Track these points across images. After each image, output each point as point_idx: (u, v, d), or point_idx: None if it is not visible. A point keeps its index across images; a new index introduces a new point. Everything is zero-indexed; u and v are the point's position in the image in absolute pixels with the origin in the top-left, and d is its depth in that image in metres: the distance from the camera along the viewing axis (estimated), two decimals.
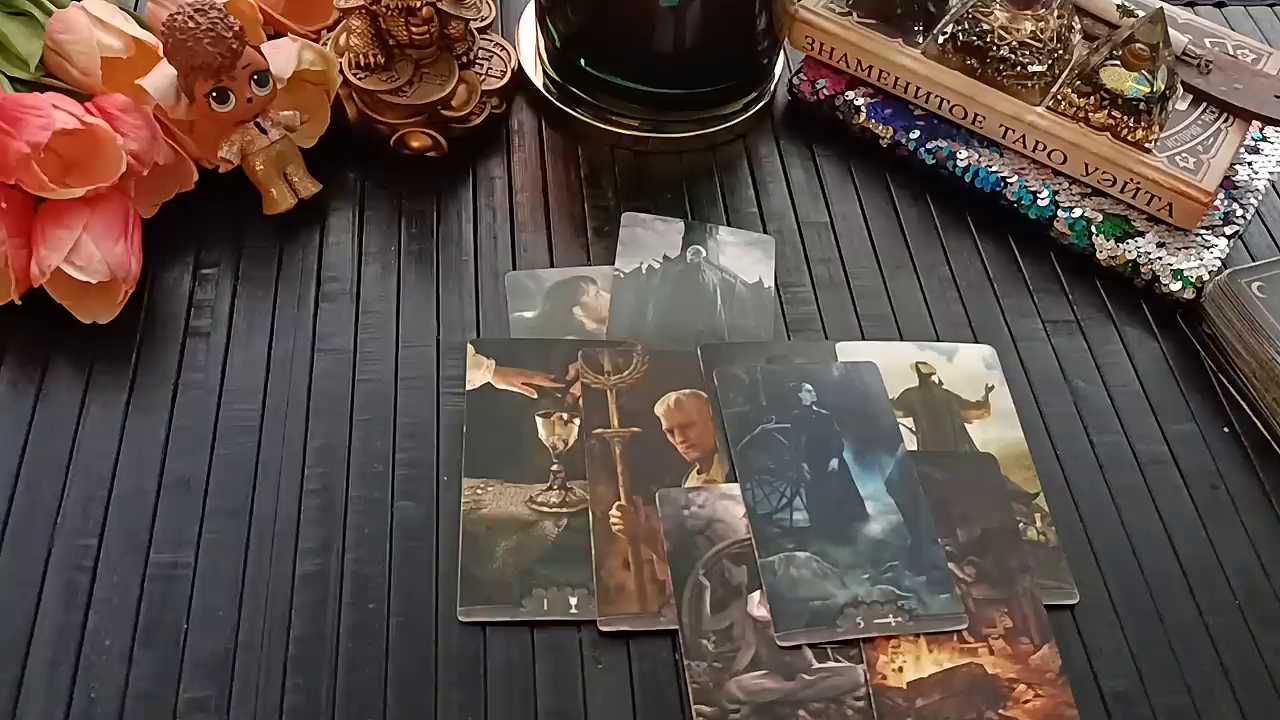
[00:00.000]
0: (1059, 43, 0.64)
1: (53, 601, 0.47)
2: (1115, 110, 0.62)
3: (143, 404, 0.53)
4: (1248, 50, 0.68)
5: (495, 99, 0.67)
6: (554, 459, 0.53)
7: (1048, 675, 0.47)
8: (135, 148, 0.55)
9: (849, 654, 0.47)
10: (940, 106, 0.66)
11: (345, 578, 0.48)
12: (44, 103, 0.53)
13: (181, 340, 0.56)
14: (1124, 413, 0.57)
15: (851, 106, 0.68)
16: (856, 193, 0.66)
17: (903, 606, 0.48)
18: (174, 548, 0.48)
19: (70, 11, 0.59)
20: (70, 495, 0.50)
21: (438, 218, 0.62)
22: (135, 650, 0.46)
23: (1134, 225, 0.62)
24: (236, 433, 0.52)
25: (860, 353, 0.58)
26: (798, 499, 0.52)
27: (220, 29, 0.55)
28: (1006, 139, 0.65)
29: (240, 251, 0.60)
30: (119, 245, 0.54)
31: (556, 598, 0.48)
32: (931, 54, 0.66)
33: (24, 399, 0.53)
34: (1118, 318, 0.62)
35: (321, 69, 0.61)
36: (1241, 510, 0.54)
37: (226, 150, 0.58)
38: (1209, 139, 0.63)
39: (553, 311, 0.59)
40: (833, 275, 0.62)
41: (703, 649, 0.47)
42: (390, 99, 0.61)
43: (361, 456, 0.52)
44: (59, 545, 0.48)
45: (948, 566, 0.50)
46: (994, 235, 0.65)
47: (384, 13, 0.59)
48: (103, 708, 0.44)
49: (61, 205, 0.54)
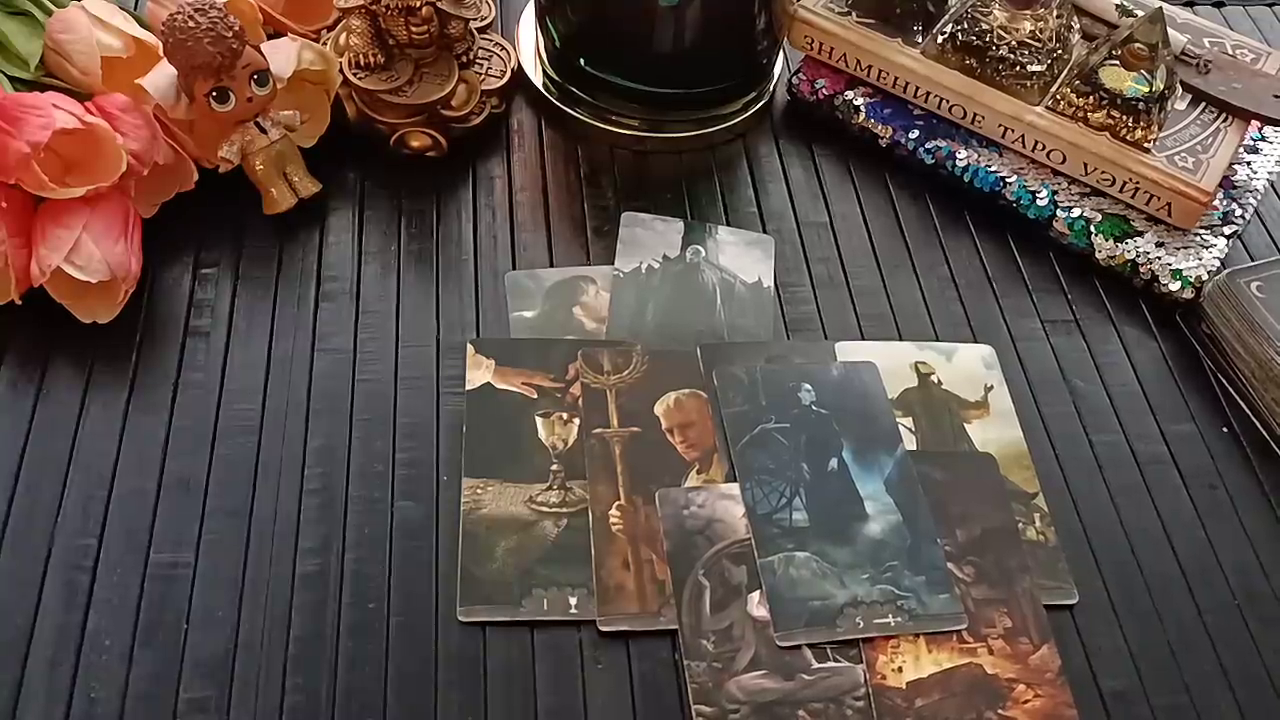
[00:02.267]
0: (1058, 42, 0.65)
1: (53, 601, 0.47)
2: (1114, 110, 0.62)
3: (143, 404, 0.53)
4: (1246, 50, 0.68)
5: (495, 99, 0.67)
6: (554, 459, 0.53)
7: (1047, 675, 0.47)
8: (135, 148, 0.55)
9: (848, 654, 0.47)
10: (939, 106, 0.66)
11: (345, 578, 0.48)
12: (44, 102, 0.53)
13: (181, 340, 0.56)
14: (1123, 413, 0.57)
15: (851, 106, 0.68)
16: (856, 192, 0.67)
17: (902, 606, 0.49)
18: (174, 548, 0.48)
19: (70, 11, 0.59)
20: (70, 495, 0.50)
21: (437, 217, 0.62)
22: (135, 650, 0.46)
23: (1133, 225, 0.62)
24: (236, 433, 0.52)
25: (859, 352, 0.58)
26: (797, 499, 0.52)
27: (220, 29, 0.55)
28: (1005, 139, 0.65)
29: (240, 251, 0.60)
30: (119, 245, 0.54)
31: (556, 598, 0.48)
32: (931, 54, 0.66)
33: (24, 399, 0.53)
34: (1117, 317, 0.62)
35: (321, 69, 0.61)
36: (1240, 510, 0.54)
37: (226, 150, 0.58)
38: (1208, 139, 0.63)
39: (552, 311, 0.59)
40: (832, 275, 0.62)
41: (702, 649, 0.47)
42: (390, 99, 0.61)
43: (361, 456, 0.52)
44: (59, 545, 0.48)
45: (947, 566, 0.50)
46: (993, 235, 0.65)
47: (384, 13, 0.59)
48: (103, 708, 0.44)
49: (61, 205, 0.54)
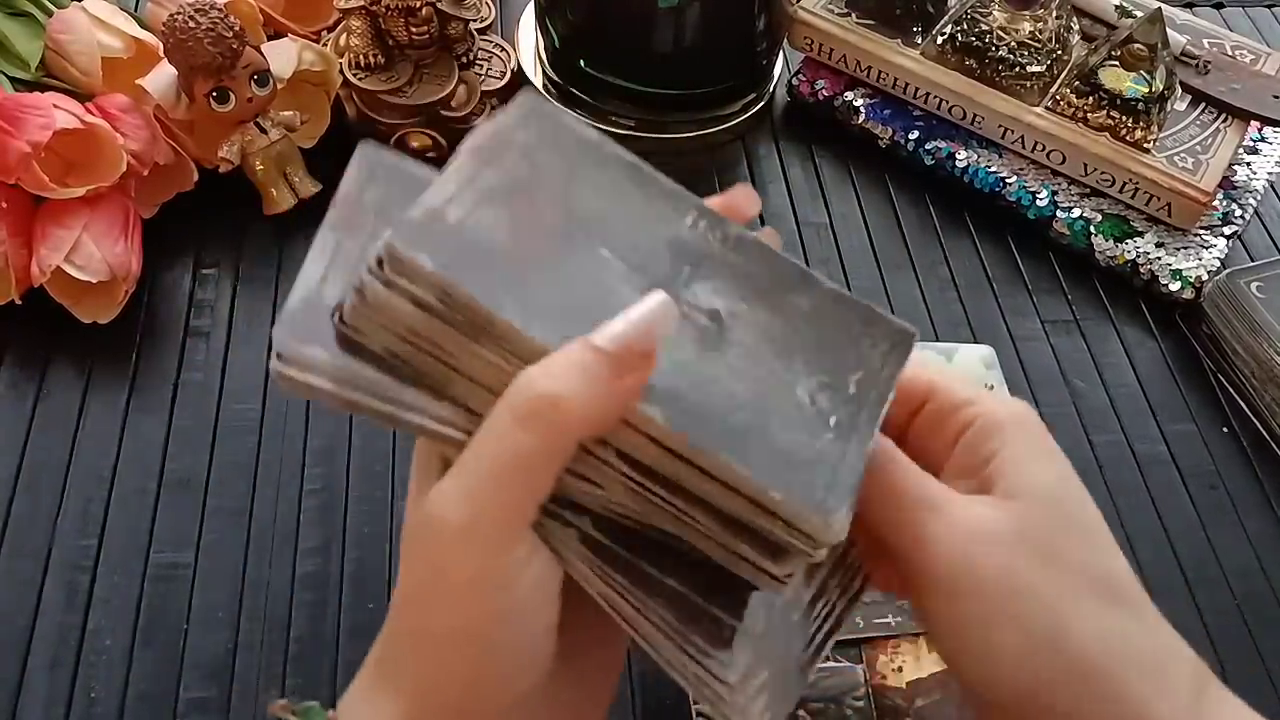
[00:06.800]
0: (1057, 43, 0.65)
1: (53, 601, 0.47)
2: (1114, 110, 0.62)
3: (143, 404, 0.53)
4: (1246, 51, 0.68)
5: (495, 99, 0.67)
6: None
7: None
8: (135, 148, 0.55)
9: (849, 654, 0.47)
10: (939, 107, 0.66)
11: (345, 578, 0.48)
12: (44, 103, 0.53)
13: (181, 340, 0.56)
14: (1123, 413, 0.57)
15: (850, 107, 0.68)
16: (855, 193, 0.67)
17: (903, 606, 0.48)
18: (174, 548, 0.48)
19: (70, 11, 0.59)
20: (70, 495, 0.50)
21: None
22: (135, 650, 0.46)
23: (1133, 225, 0.62)
24: (236, 433, 0.52)
25: None
26: None
27: (220, 29, 0.55)
28: (1005, 139, 0.65)
29: (240, 251, 0.60)
30: (119, 245, 0.54)
31: None
32: (930, 54, 0.66)
33: (24, 399, 0.53)
34: (1117, 318, 0.62)
35: (321, 69, 0.61)
36: (1240, 510, 0.54)
37: (226, 150, 0.58)
38: (1207, 139, 0.63)
39: None
40: (832, 275, 0.62)
41: None
42: (390, 99, 0.61)
43: (361, 456, 0.52)
44: (59, 545, 0.48)
45: None
46: (993, 235, 0.65)
47: (384, 13, 0.59)
48: (103, 708, 0.44)
49: (61, 205, 0.54)
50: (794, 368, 0.31)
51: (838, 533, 0.28)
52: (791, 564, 0.28)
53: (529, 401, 0.27)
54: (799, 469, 0.28)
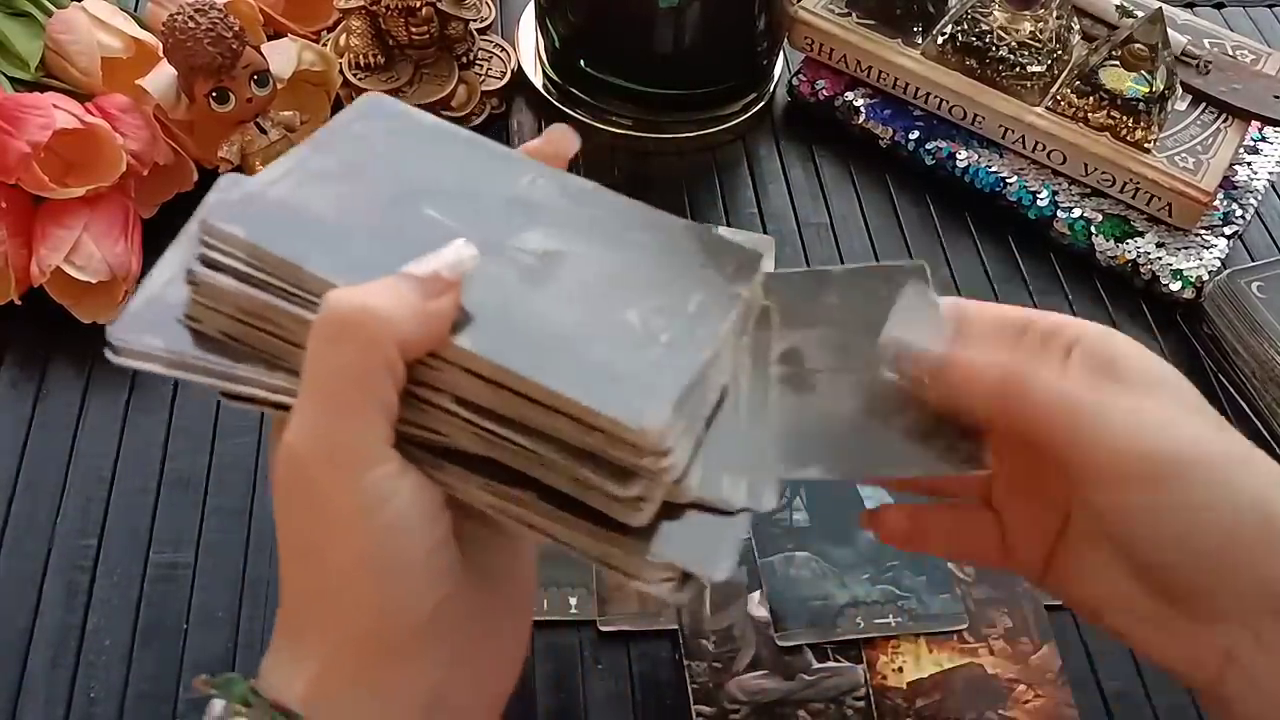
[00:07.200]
0: (1058, 43, 0.65)
1: (53, 601, 0.47)
2: (1114, 110, 0.62)
3: (143, 404, 0.53)
4: (1246, 51, 0.68)
5: (495, 99, 0.67)
6: None
7: (1048, 675, 0.47)
8: (135, 148, 0.55)
9: (849, 654, 0.47)
10: (940, 107, 0.66)
11: None
12: (44, 103, 0.53)
13: None
14: None
15: (851, 107, 0.68)
16: (856, 193, 0.67)
17: (903, 606, 0.48)
18: (174, 548, 0.48)
19: (70, 11, 0.59)
20: (70, 495, 0.50)
21: None
22: (135, 650, 0.46)
23: (1133, 225, 0.62)
24: (236, 433, 0.52)
25: None
26: (798, 499, 0.52)
27: (220, 29, 0.55)
28: (1006, 139, 0.65)
29: None
30: (119, 245, 0.54)
31: (556, 597, 0.48)
32: (931, 54, 0.66)
33: (24, 399, 0.53)
34: (1117, 318, 0.62)
35: (321, 69, 0.61)
36: None
37: (226, 150, 0.58)
38: (1208, 139, 0.63)
39: None
40: None
41: (703, 649, 0.47)
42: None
43: None
44: (59, 545, 0.48)
45: (948, 566, 0.50)
46: (993, 235, 0.65)
47: (384, 13, 0.59)
48: (103, 708, 0.44)
49: (61, 205, 0.54)
50: (627, 297, 0.31)
51: (655, 437, 0.27)
52: (636, 486, 0.28)
53: (335, 315, 0.28)
54: (616, 381, 0.28)
